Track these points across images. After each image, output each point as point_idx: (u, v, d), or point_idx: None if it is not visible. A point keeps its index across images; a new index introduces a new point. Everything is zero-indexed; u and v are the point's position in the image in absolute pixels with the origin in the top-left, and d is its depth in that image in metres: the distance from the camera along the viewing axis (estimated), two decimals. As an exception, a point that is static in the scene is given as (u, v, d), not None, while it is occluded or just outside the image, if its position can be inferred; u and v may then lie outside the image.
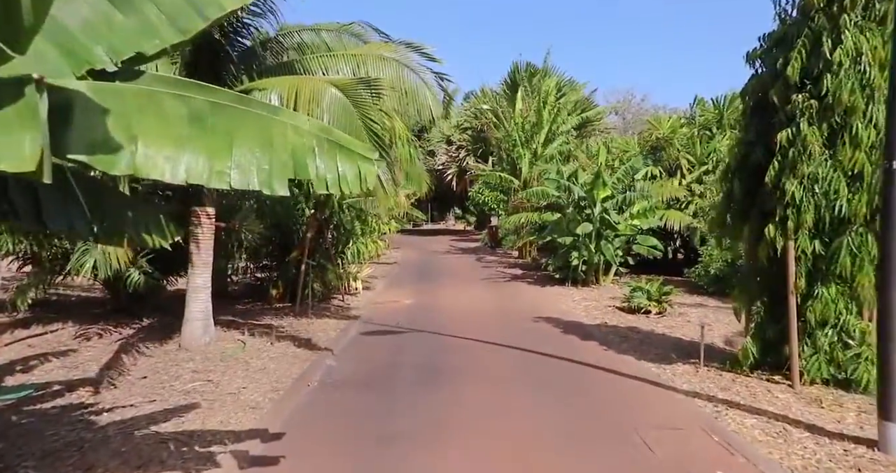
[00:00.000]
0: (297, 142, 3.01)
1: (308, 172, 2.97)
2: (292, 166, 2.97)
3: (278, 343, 8.73)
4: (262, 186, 2.90)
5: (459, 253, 26.02)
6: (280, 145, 2.96)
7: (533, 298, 13.45)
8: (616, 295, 13.23)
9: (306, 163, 3.00)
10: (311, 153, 3.03)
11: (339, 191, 3.09)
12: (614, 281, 15.21)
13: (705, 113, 17.54)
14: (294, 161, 2.97)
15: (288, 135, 2.98)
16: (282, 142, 2.97)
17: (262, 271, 13.55)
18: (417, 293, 14.36)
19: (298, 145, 3.01)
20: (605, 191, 14.23)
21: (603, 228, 14.52)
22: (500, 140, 23.43)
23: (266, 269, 13.42)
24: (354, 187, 3.09)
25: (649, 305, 10.34)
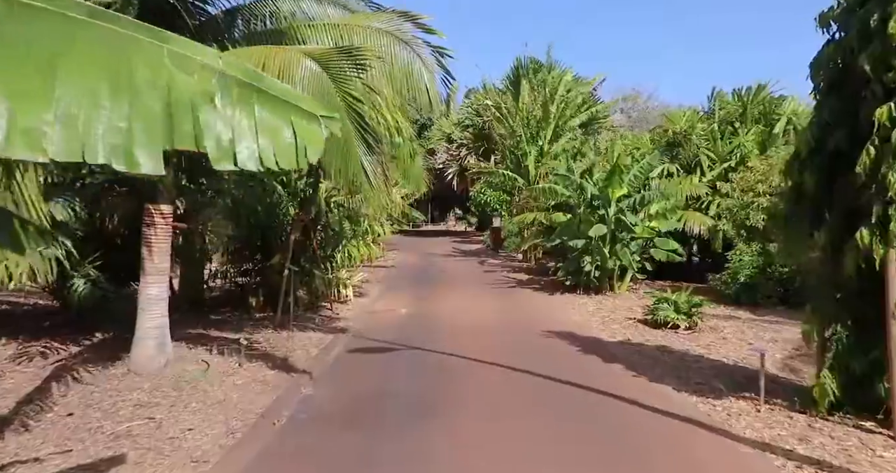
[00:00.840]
0: (185, 85, 1.73)
1: (201, 137, 1.71)
2: (171, 125, 1.70)
3: (249, 363, 7.45)
4: (113, 158, 1.63)
5: (460, 256, 24.75)
6: (151, 87, 1.69)
7: (542, 308, 12.16)
8: (634, 306, 11.95)
9: (199, 121, 1.72)
10: (209, 103, 1.75)
11: (260, 168, 1.80)
12: (629, 288, 13.92)
13: (725, 106, 16.25)
14: (175, 116, 1.70)
15: (168, 72, 1.70)
16: (154, 81, 1.69)
17: (244, 276, 12.27)
18: (415, 300, 13.09)
19: (186, 89, 1.73)
20: (620, 190, 12.95)
21: (618, 230, 13.24)
22: (503, 136, 22.16)
23: (248, 275, 12.14)
24: (287, 161, 1.82)
25: (677, 319, 9.06)
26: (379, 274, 18.28)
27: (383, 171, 9.13)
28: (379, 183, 8.68)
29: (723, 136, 15.50)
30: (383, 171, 9.13)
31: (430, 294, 14.12)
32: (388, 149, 12.61)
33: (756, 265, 11.50)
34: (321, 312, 11.63)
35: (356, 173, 5.88)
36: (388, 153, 10.63)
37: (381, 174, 8.95)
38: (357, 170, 5.90)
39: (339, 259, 12.70)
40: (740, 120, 15.56)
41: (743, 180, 12.41)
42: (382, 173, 9.10)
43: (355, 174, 5.88)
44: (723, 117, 16.08)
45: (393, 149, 11.46)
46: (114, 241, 7.63)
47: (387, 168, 9.37)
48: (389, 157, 12.62)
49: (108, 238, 7.48)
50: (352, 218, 12.53)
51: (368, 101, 6.91)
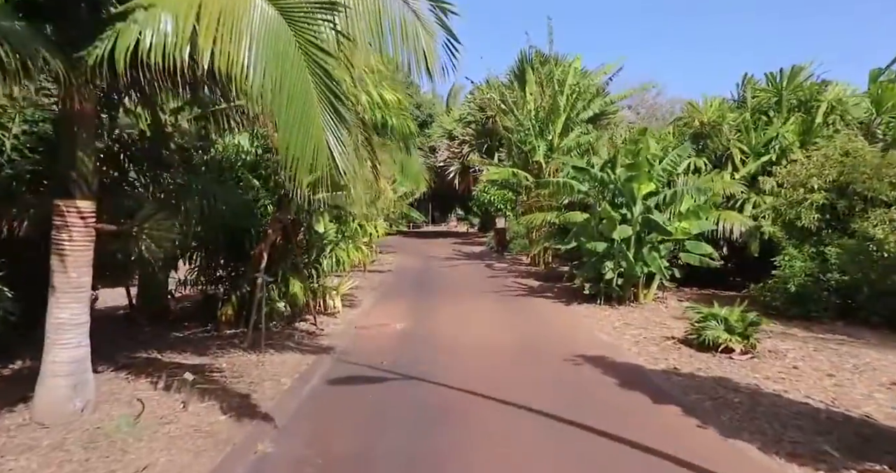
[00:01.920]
0: None
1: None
2: None
3: (199, 403, 5.84)
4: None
5: (463, 259, 23.12)
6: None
7: (559, 322, 10.53)
8: (667, 320, 10.33)
9: None
10: None
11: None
12: (656, 297, 12.29)
13: (758, 94, 14.63)
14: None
15: None
16: None
17: (217, 285, 10.62)
18: (412, 312, 11.47)
19: None
20: (648, 186, 11.33)
21: (644, 232, 11.62)
22: (509, 130, 20.53)
23: (221, 283, 10.50)
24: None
25: (730, 341, 7.42)
26: (374, 280, 16.67)
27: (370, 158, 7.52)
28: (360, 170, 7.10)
29: (756, 127, 13.86)
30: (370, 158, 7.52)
31: (430, 303, 12.50)
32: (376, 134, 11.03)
33: (809, 272, 9.87)
34: (303, 327, 10.01)
35: (317, 151, 4.26)
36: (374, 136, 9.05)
37: (366, 160, 7.35)
38: (319, 146, 4.27)
39: (326, 265, 11.08)
40: (775, 108, 13.93)
41: (791, 175, 10.76)
42: (369, 160, 7.50)
43: (316, 153, 4.25)
44: (755, 106, 14.45)
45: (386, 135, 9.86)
46: (25, 251, 6.01)
47: (373, 155, 7.76)
48: (380, 143, 11.04)
49: (15, 246, 5.86)
50: (340, 218, 10.91)
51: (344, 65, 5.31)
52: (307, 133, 4.26)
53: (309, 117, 4.24)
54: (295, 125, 4.19)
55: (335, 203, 9.45)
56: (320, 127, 4.30)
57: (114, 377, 6.57)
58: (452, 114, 38.20)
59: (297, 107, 4.22)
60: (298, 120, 4.21)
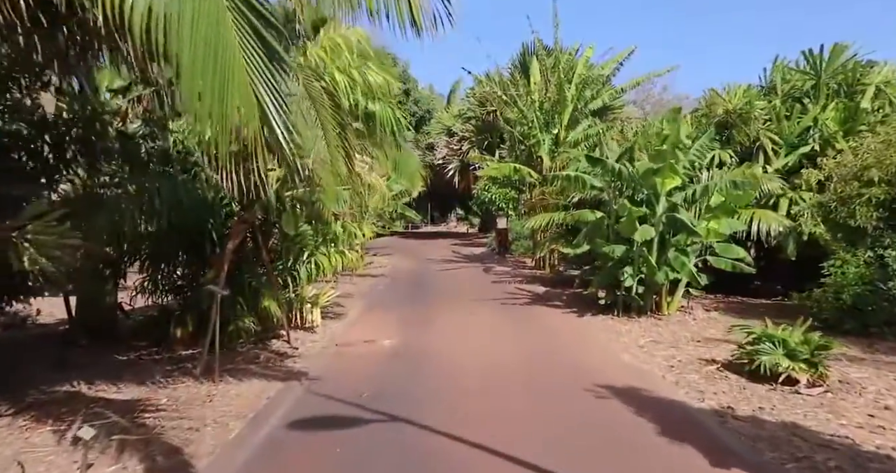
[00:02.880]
0: None
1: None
2: None
3: (106, 466, 4.38)
4: None
5: (462, 262, 21.65)
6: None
7: (573, 337, 9.07)
8: (697, 334, 8.87)
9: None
10: None
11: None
12: (681, 307, 10.82)
13: (791, 78, 13.16)
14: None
15: None
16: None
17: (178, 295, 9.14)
18: (404, 325, 10.01)
19: None
20: (673, 180, 9.86)
21: (669, 232, 10.16)
22: (512, 122, 19.04)
23: (180, 293, 9.03)
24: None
25: (793, 369, 5.94)
26: (364, 286, 15.23)
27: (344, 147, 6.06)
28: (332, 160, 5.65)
29: (790, 115, 12.39)
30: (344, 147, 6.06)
31: (425, 314, 11.04)
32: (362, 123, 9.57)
33: (866, 280, 8.41)
34: (274, 345, 8.56)
35: (243, 106, 2.82)
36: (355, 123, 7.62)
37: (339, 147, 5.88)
38: (245, 98, 2.83)
39: (304, 271, 9.62)
40: (811, 94, 12.47)
41: (841, 166, 9.28)
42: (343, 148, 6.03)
43: (242, 108, 2.81)
44: (787, 92, 12.99)
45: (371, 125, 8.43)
46: None
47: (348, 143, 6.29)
48: (363, 134, 9.57)
49: None
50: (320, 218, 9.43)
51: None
52: (224, 77, 2.81)
53: (226, 51, 2.79)
54: (207, 63, 2.74)
55: (305, 199, 7.99)
56: (244, 68, 2.84)
57: (8, 423, 5.12)
58: (451, 109, 36.75)
59: (206, 34, 2.77)
60: (212, 56, 2.77)
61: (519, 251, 23.69)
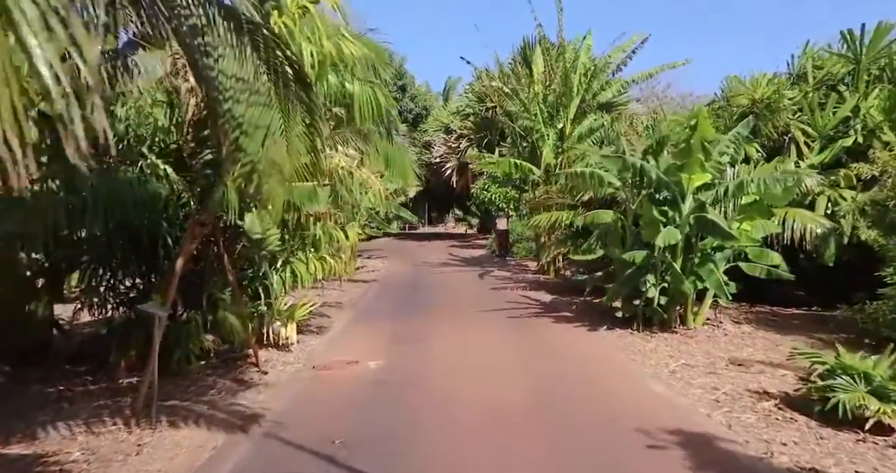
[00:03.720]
0: None
1: None
2: None
3: None
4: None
5: (459, 266, 20.37)
6: None
7: (590, 359, 7.78)
8: (735, 354, 7.60)
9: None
10: None
11: None
12: (707, 321, 9.55)
13: (825, 64, 11.90)
14: None
15: None
16: None
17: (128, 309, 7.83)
18: (393, 342, 8.74)
19: None
20: (701, 176, 8.60)
21: (696, 236, 8.90)
22: (513, 115, 17.76)
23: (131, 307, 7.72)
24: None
25: (884, 413, 4.66)
26: (353, 293, 13.95)
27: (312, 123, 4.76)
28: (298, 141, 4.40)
29: (824, 105, 11.13)
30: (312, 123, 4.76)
31: (418, 328, 9.77)
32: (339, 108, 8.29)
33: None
34: (239, 370, 7.27)
35: None
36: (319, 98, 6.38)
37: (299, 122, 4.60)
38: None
39: (278, 282, 8.33)
40: (849, 81, 11.21)
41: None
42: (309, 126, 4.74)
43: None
44: (820, 79, 11.73)
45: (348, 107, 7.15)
46: None
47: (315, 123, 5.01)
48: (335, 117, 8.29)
49: None
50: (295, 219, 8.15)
51: None
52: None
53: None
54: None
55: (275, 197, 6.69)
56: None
57: None
58: (449, 106, 35.48)
59: None
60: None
61: (520, 253, 22.44)
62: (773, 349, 7.97)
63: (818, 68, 11.92)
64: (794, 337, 8.64)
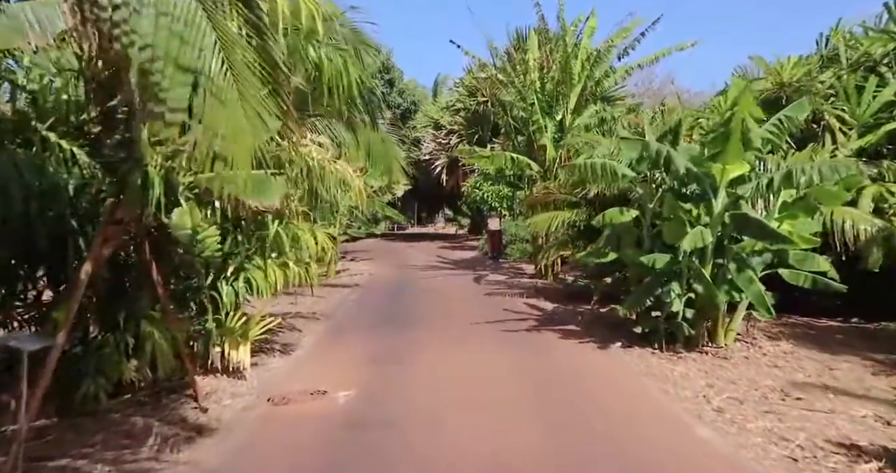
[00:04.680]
0: None
1: None
2: None
3: None
4: None
5: (451, 269, 18.95)
6: None
7: (611, 391, 6.35)
8: (782, 381, 6.23)
9: None
10: None
11: None
12: (738, 337, 8.18)
13: (862, 44, 10.61)
14: None
15: None
16: None
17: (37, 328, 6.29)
18: (370, 365, 7.30)
19: None
20: (739, 166, 7.21)
21: (731, 237, 7.52)
22: (507, 106, 16.34)
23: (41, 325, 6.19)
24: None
25: None
26: (331, 300, 12.50)
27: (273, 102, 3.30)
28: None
29: (861, 89, 9.82)
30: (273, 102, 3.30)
31: (401, 345, 8.34)
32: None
33: None
34: (170, 407, 5.78)
35: None
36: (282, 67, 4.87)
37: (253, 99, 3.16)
38: None
39: (229, 294, 6.84)
40: (892, 62, 9.91)
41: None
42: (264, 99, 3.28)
43: None
44: (856, 61, 10.43)
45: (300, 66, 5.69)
46: None
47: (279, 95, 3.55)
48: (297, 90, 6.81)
49: None
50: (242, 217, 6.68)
51: None
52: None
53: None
54: None
55: (213, 188, 5.21)
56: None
57: None
58: (439, 101, 34.03)
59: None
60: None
61: (515, 255, 21.05)
62: (827, 374, 6.61)
63: (853, 48, 10.62)
64: (846, 358, 7.30)
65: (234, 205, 5.67)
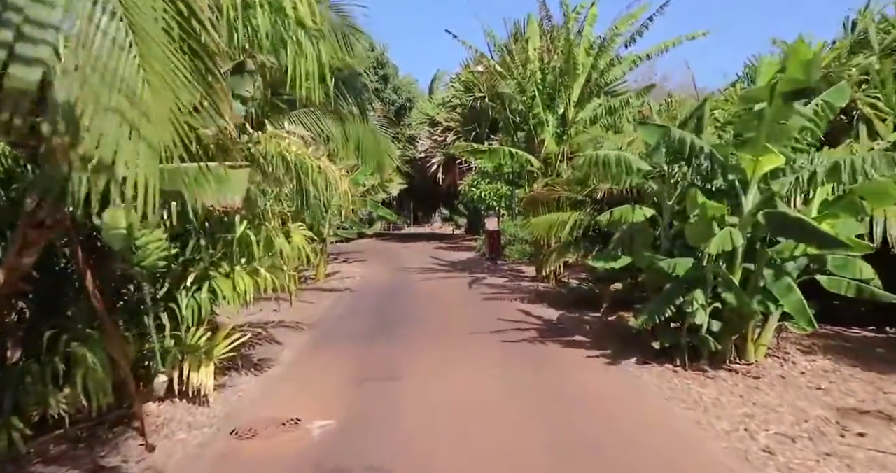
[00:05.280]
0: None
1: None
2: None
3: None
4: None
5: (447, 271, 18.04)
6: None
7: (636, 420, 5.44)
8: (831, 406, 5.33)
9: None
10: None
11: None
12: (769, 352, 7.28)
13: (892, 26, 9.73)
14: None
15: None
16: None
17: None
18: (355, 384, 6.38)
19: None
20: (773, 158, 6.30)
21: (764, 239, 6.62)
22: (506, 99, 15.41)
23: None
24: None
25: None
26: (319, 306, 11.59)
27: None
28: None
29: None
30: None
31: (390, 360, 7.43)
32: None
33: None
34: (111, 444, 4.86)
35: None
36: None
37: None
38: None
39: (189, 306, 5.92)
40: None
41: None
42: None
43: None
44: (888, 45, 9.55)
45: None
46: None
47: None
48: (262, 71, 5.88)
49: None
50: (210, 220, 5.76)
51: None
52: None
53: None
54: None
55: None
56: None
57: None
58: (435, 97, 33.10)
59: None
60: None
61: (514, 256, 20.16)
62: (881, 398, 5.72)
63: (884, 32, 9.74)
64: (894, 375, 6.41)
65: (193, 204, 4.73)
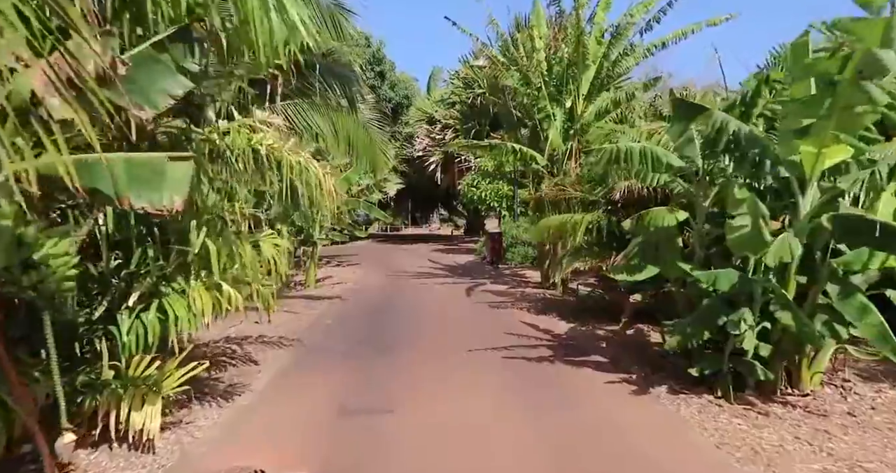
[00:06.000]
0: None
1: None
2: None
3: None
4: None
5: (445, 276, 16.97)
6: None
7: (671, 467, 4.38)
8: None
9: None
10: None
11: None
12: (826, 377, 6.21)
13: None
14: None
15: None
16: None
17: None
18: (338, 418, 5.30)
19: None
20: (839, 150, 5.23)
21: (827, 248, 5.55)
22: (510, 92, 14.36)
23: None
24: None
25: None
26: (304, 318, 10.51)
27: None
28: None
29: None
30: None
31: (378, 387, 6.35)
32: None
33: None
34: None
35: None
36: None
37: None
38: None
39: (133, 330, 4.84)
40: None
41: None
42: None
43: None
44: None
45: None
46: None
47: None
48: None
49: None
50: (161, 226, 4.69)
51: None
52: None
53: None
54: None
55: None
56: None
57: None
58: (433, 94, 32.06)
59: None
60: None
61: (515, 259, 19.12)
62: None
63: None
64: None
65: (112, 205, 3.66)
